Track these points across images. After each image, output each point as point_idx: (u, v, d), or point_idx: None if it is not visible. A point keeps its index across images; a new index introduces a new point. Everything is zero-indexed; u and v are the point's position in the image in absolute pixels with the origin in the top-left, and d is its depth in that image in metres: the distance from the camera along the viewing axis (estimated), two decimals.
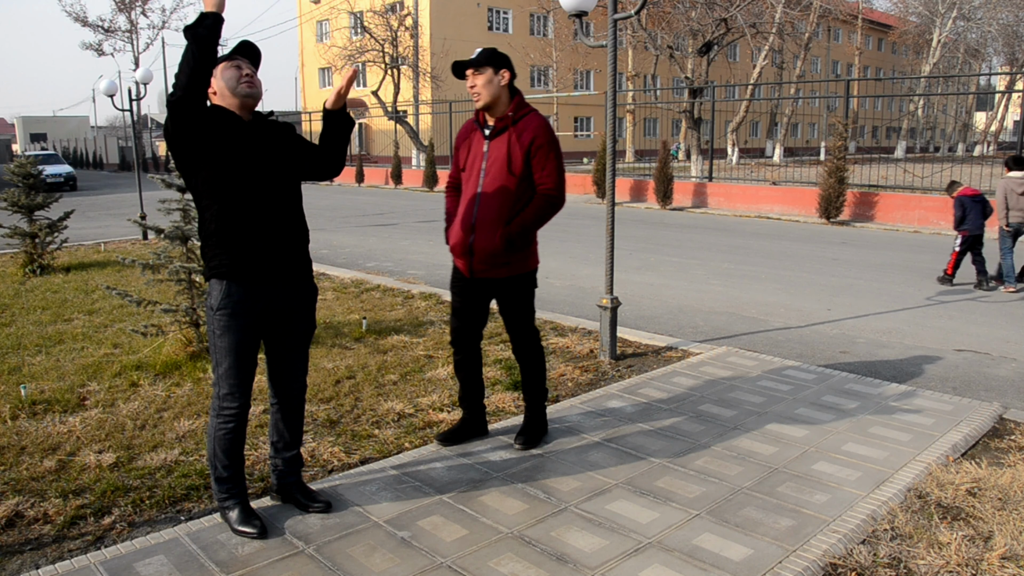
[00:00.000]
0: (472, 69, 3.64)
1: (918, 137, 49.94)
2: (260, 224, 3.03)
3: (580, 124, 45.23)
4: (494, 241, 3.65)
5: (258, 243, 3.03)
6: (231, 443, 3.11)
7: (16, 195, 9.25)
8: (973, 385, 5.28)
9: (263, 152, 3.04)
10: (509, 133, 3.66)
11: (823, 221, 15.53)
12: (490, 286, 3.84)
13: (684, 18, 27.46)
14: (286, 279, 3.13)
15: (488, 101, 3.66)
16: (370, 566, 2.90)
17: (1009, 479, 3.60)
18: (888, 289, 8.66)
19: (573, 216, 17.12)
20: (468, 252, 3.71)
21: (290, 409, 3.33)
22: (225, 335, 3.02)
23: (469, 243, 3.69)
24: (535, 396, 4.07)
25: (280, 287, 3.11)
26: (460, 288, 3.90)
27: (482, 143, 3.72)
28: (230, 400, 3.07)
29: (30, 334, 6.34)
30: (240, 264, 3.00)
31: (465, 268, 3.78)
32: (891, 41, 58.85)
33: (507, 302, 3.89)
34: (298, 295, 3.20)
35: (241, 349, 3.05)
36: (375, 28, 32.29)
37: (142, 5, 41.42)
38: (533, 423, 4.08)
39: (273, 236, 3.06)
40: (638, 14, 9.11)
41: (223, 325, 3.02)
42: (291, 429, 3.34)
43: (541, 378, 4.05)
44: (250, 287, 3.03)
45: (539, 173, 3.69)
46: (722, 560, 2.93)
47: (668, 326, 6.96)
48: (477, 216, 3.68)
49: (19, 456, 3.93)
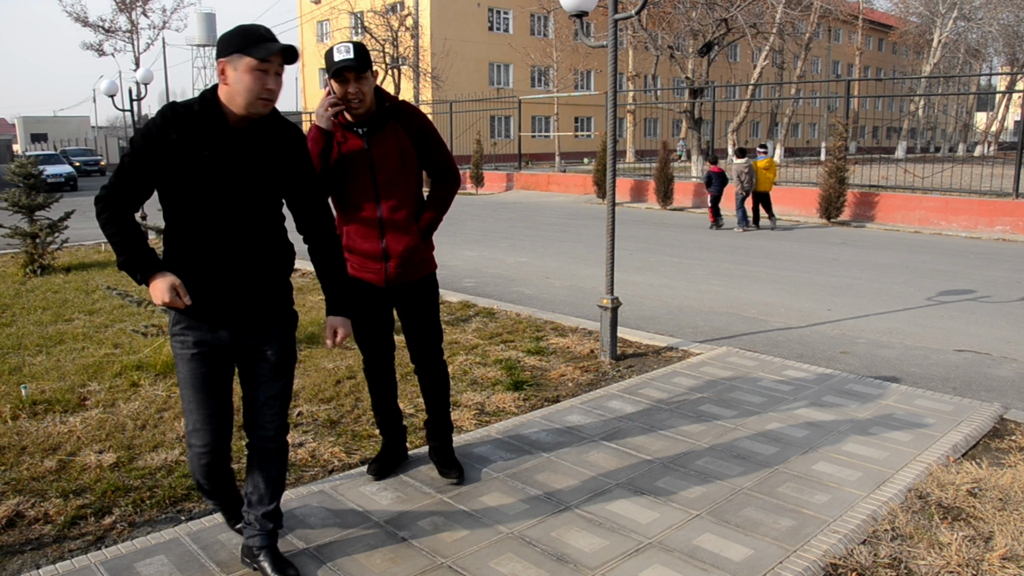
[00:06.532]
0: (355, 73, 3.15)
1: (919, 137, 49.88)
2: (219, 260, 2.57)
3: (580, 124, 45.24)
4: (410, 239, 3.37)
5: (214, 282, 2.58)
6: (209, 477, 2.75)
7: (17, 195, 9.26)
8: (973, 385, 5.28)
9: (239, 171, 2.54)
10: (391, 126, 3.30)
11: (823, 221, 15.52)
12: (404, 292, 3.49)
13: (684, 18, 27.43)
14: (251, 317, 2.67)
15: (369, 107, 3.24)
16: (370, 566, 2.90)
17: (1010, 479, 3.60)
18: (888, 289, 8.66)
19: (573, 216, 17.13)
20: (383, 258, 3.36)
21: (259, 457, 2.79)
22: (181, 363, 2.62)
23: (382, 248, 3.35)
24: (447, 417, 3.72)
25: (244, 324, 2.67)
26: (370, 307, 3.48)
27: (357, 143, 3.28)
28: (197, 437, 2.67)
29: (31, 334, 6.35)
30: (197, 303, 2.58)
31: (379, 279, 3.40)
32: (892, 41, 58.83)
33: (422, 306, 3.54)
34: (268, 330, 2.71)
35: (198, 381, 2.62)
36: (376, 28, 32.27)
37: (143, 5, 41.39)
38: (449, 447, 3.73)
39: (234, 274, 2.59)
40: (638, 14, 9.11)
41: (178, 352, 2.63)
42: (262, 480, 2.79)
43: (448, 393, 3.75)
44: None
45: (436, 157, 3.44)
46: (722, 560, 2.93)
47: (668, 326, 6.96)
48: (383, 218, 3.33)
49: (20, 456, 3.93)
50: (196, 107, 2.50)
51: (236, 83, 2.45)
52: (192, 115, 2.49)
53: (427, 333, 3.60)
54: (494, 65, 42.28)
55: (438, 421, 3.72)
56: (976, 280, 9.23)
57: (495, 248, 11.76)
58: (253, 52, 2.43)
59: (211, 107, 2.50)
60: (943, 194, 15.87)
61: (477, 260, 10.79)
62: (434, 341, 3.62)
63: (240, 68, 2.44)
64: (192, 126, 2.48)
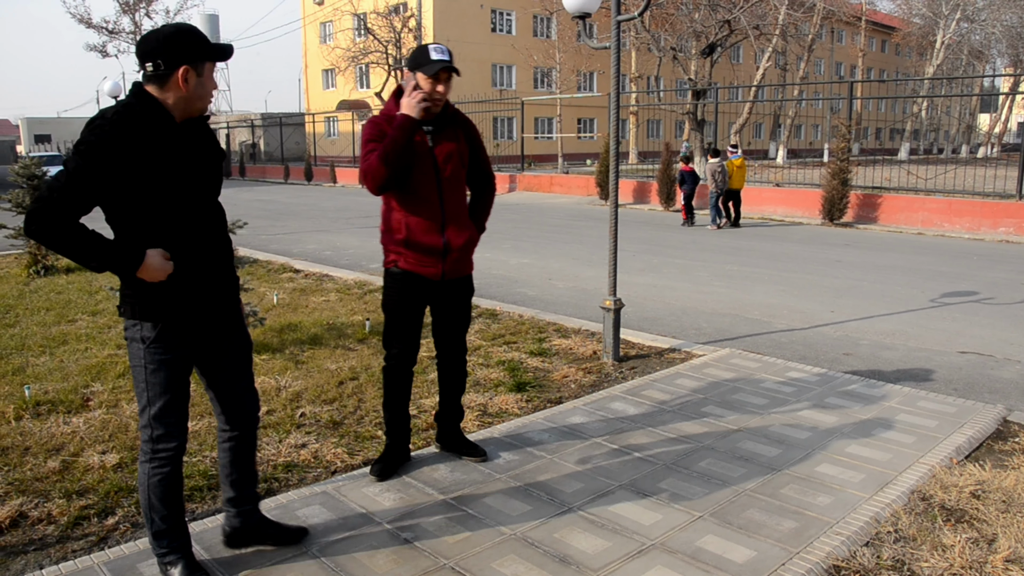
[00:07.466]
0: (449, 75, 3.38)
1: (922, 139, 49.85)
2: (199, 257, 2.60)
3: (583, 126, 45.24)
4: (469, 234, 3.57)
5: (196, 280, 2.59)
6: (168, 489, 2.68)
7: (20, 196, 9.27)
8: (977, 387, 5.27)
9: (198, 167, 2.57)
10: (454, 129, 3.52)
11: (826, 223, 15.51)
12: (452, 287, 3.63)
13: (687, 20, 27.43)
14: (227, 309, 2.76)
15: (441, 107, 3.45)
16: (373, 567, 2.90)
17: (1013, 481, 3.59)
18: (891, 291, 8.65)
19: (576, 218, 17.13)
20: (442, 252, 3.49)
21: (248, 439, 2.91)
22: (160, 371, 2.58)
23: (443, 243, 3.48)
24: (460, 410, 3.95)
25: (220, 317, 2.74)
26: (420, 301, 3.58)
27: (422, 139, 3.43)
28: (166, 441, 2.65)
29: (34, 335, 6.36)
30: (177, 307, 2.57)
31: (436, 272, 3.52)
32: (895, 43, 58.80)
33: (464, 300, 3.71)
34: (230, 313, 2.79)
35: (177, 385, 2.64)
36: (379, 30, 32.34)
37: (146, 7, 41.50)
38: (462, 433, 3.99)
39: (212, 268, 2.65)
40: (641, 16, 9.11)
41: (157, 360, 2.57)
42: (251, 464, 2.93)
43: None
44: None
45: (484, 164, 3.69)
46: (725, 562, 2.93)
47: (671, 328, 6.95)
48: (446, 213, 3.48)
49: (23, 457, 3.94)
50: (140, 109, 2.45)
51: (198, 88, 2.50)
52: (147, 118, 2.44)
53: (463, 325, 3.79)
54: (497, 66, 42.31)
55: (457, 408, 3.93)
56: (979, 282, 9.22)
57: (498, 249, 11.76)
58: (216, 55, 2.54)
59: (157, 109, 2.47)
60: (946, 196, 15.86)
61: (480, 261, 10.74)
62: (465, 332, 3.84)
63: (204, 73, 2.51)
64: (151, 128, 2.44)
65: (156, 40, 2.45)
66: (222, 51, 2.57)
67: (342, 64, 33.97)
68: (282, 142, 41.90)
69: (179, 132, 2.51)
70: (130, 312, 2.56)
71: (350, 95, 42.10)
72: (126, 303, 2.57)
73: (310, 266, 10.20)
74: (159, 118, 2.46)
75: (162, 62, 2.43)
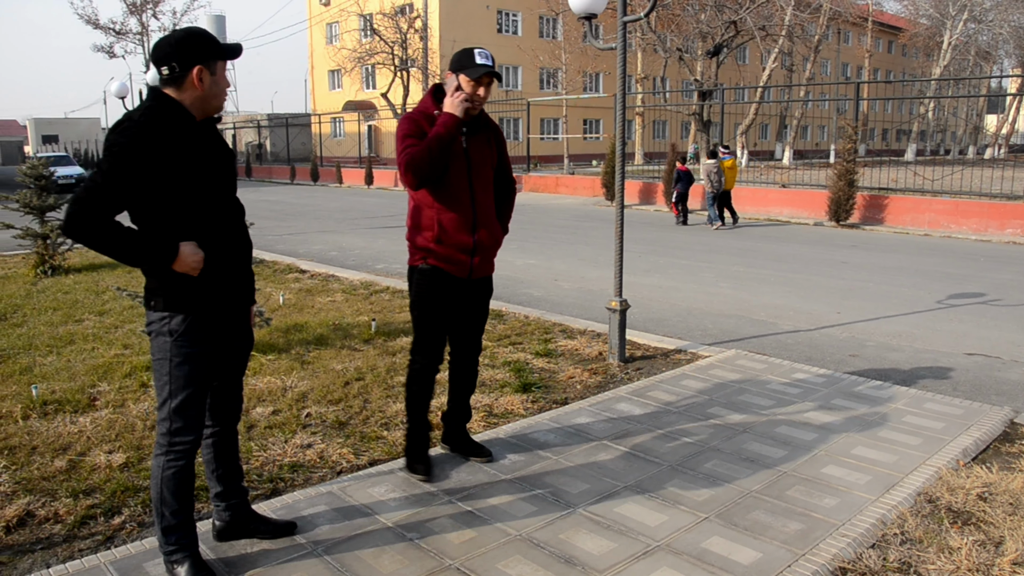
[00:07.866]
0: (491, 80, 3.46)
1: (928, 140, 49.67)
2: (227, 243, 2.73)
3: (589, 126, 45.21)
4: (498, 233, 3.67)
5: (226, 276, 2.72)
6: (181, 482, 2.72)
7: (28, 196, 9.32)
8: (984, 389, 5.25)
9: (215, 159, 2.68)
10: (485, 132, 3.61)
11: (833, 224, 15.47)
12: (476, 286, 3.69)
13: (694, 20, 27.42)
14: (246, 302, 2.87)
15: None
16: (378, 567, 2.91)
17: (1020, 484, 3.58)
18: (898, 292, 8.62)
19: (582, 218, 17.12)
20: (471, 251, 3.54)
21: (230, 434, 3.01)
22: (185, 364, 2.65)
23: (473, 241, 3.54)
24: (468, 410, 3.99)
25: (241, 310, 2.86)
26: (450, 299, 3.60)
27: (459, 141, 3.50)
28: (184, 434, 2.70)
29: (41, 335, 6.38)
30: (208, 298, 2.67)
31: (464, 271, 3.56)
32: (901, 43, 58.60)
33: (485, 300, 3.79)
34: (247, 309, 2.92)
35: (203, 377, 2.71)
36: (385, 30, 32.37)
37: (153, 8, 41.66)
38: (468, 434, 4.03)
39: (236, 256, 2.77)
40: (647, 16, 9.11)
41: (184, 353, 2.64)
42: (235, 458, 3.05)
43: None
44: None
45: (507, 169, 3.78)
46: (731, 564, 2.93)
47: (677, 329, 6.94)
48: (477, 213, 3.54)
49: (30, 456, 3.95)
50: (163, 110, 2.54)
51: (213, 86, 2.62)
52: (171, 118, 2.54)
53: (482, 325, 3.84)
54: (503, 67, 42.30)
55: (466, 409, 3.97)
56: (986, 283, 9.18)
57: (503, 250, 11.70)
58: (226, 54, 2.66)
59: (179, 109, 2.57)
60: (953, 197, 15.80)
61: None
62: (482, 332, 3.88)
63: (217, 71, 2.63)
64: (176, 127, 2.54)
65: (169, 45, 2.56)
66: (232, 50, 2.70)
67: (348, 65, 34.02)
68: (288, 143, 42.00)
69: (200, 130, 2.64)
70: (162, 304, 2.62)
71: (356, 96, 42.18)
72: (156, 296, 2.63)
73: (316, 266, 10.21)
74: (181, 118, 2.57)
75: (177, 64, 2.55)
